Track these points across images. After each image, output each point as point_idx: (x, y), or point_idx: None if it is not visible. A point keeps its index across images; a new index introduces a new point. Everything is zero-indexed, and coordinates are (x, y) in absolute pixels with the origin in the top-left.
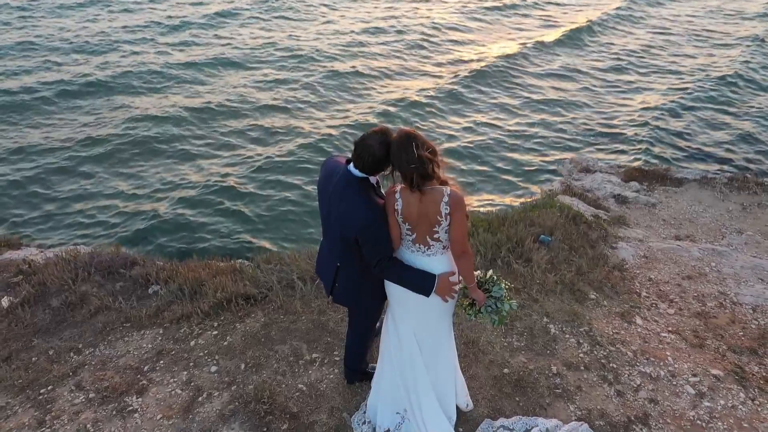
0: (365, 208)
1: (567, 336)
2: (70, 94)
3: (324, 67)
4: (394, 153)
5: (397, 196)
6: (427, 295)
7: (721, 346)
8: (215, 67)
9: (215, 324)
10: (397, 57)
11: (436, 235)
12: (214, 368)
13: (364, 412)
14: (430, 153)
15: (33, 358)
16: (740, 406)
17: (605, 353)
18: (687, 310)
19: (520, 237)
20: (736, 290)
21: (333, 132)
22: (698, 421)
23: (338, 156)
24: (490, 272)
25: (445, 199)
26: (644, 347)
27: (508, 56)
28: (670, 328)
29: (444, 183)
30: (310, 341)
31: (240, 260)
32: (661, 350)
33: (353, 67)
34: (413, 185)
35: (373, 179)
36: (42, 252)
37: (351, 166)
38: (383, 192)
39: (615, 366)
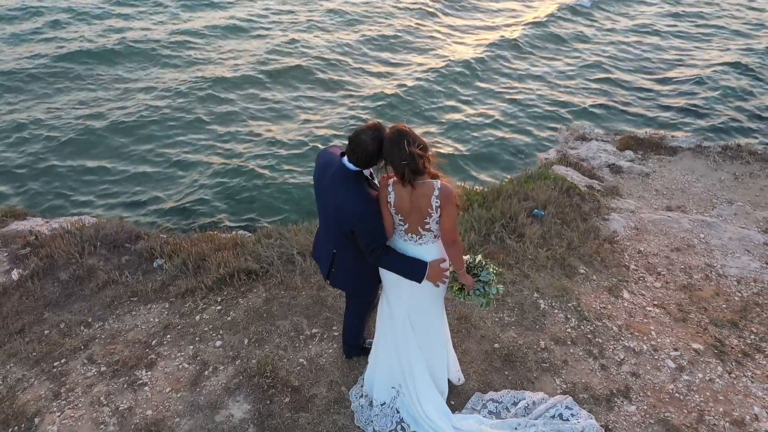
0: (360, 201)
1: (556, 311)
2: (76, 63)
3: (350, 31)
4: (387, 149)
5: (390, 189)
6: (420, 281)
7: (704, 319)
8: (233, 32)
9: (219, 299)
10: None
11: (427, 226)
12: (218, 343)
13: (362, 386)
14: (420, 149)
15: (45, 331)
16: (717, 380)
17: (592, 328)
18: (673, 283)
19: (513, 212)
20: (723, 262)
21: (352, 111)
22: (676, 394)
23: (332, 147)
24: (479, 257)
25: (436, 192)
26: (629, 322)
27: (546, 17)
28: (655, 302)
29: (435, 177)
30: (309, 316)
31: (241, 232)
32: (645, 325)
33: (379, 31)
34: (405, 180)
35: (366, 172)
36: (47, 222)
37: (345, 159)
38: (377, 183)
39: (600, 341)
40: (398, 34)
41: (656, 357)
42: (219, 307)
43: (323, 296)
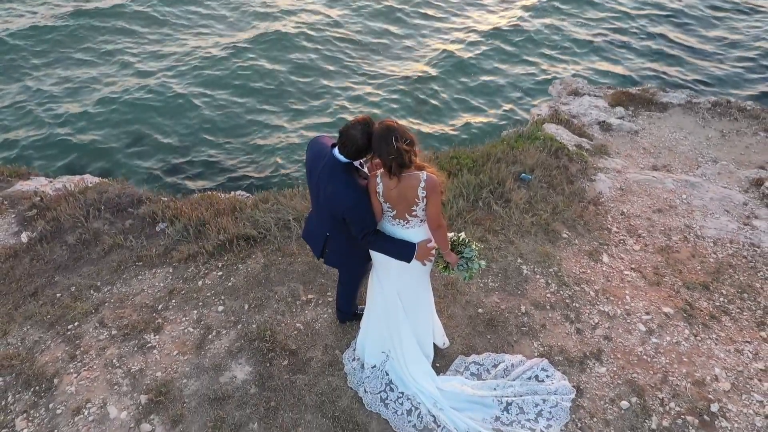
0: (350, 192)
1: (537, 276)
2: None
3: None
4: (375, 143)
5: (378, 180)
6: (409, 261)
7: (677, 282)
8: None
9: (220, 264)
10: None
11: (414, 213)
12: (221, 308)
13: (354, 350)
14: (407, 144)
15: (57, 294)
16: (683, 342)
17: (570, 293)
18: (652, 246)
19: (501, 177)
20: (702, 223)
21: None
22: (644, 356)
23: (323, 137)
24: (462, 235)
25: (422, 184)
26: (606, 286)
27: None
28: (633, 266)
29: (421, 168)
30: (305, 282)
31: (240, 192)
32: (621, 289)
33: None
34: (391, 173)
35: (356, 162)
36: (51, 182)
37: (336, 151)
38: (367, 171)
39: (577, 305)
40: None
41: (628, 321)
42: (220, 273)
43: (318, 263)
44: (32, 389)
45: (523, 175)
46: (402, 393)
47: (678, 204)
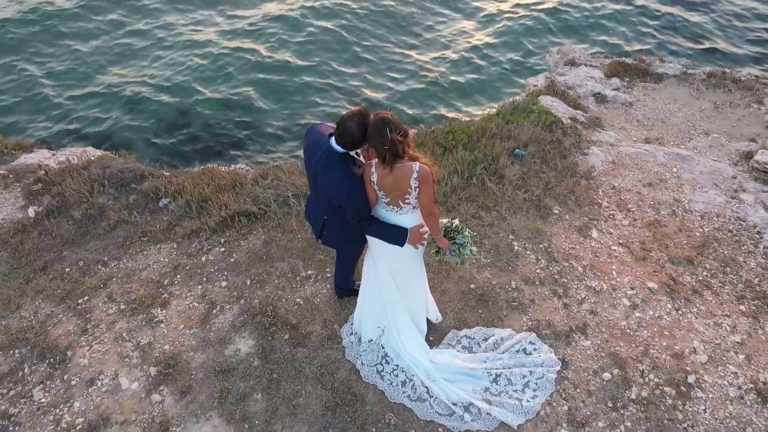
0: (346, 181)
1: (528, 252)
2: None
3: None
4: (370, 135)
5: (373, 169)
6: (402, 245)
7: (663, 257)
8: None
9: (222, 240)
10: None
11: (407, 201)
12: (224, 283)
13: (351, 324)
14: (401, 136)
15: (66, 269)
16: (665, 316)
17: (559, 269)
18: (641, 220)
19: (495, 154)
20: (691, 197)
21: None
22: (627, 330)
23: (321, 126)
24: (456, 221)
25: (414, 174)
26: (594, 262)
27: None
28: (621, 241)
29: (414, 159)
30: (305, 258)
31: (240, 166)
32: (608, 264)
33: None
34: (385, 163)
35: (352, 152)
36: (54, 155)
37: (333, 141)
38: (362, 160)
39: (566, 281)
40: None
41: (614, 296)
42: (222, 249)
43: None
44: (47, 361)
45: (517, 150)
46: (397, 366)
47: (668, 178)
